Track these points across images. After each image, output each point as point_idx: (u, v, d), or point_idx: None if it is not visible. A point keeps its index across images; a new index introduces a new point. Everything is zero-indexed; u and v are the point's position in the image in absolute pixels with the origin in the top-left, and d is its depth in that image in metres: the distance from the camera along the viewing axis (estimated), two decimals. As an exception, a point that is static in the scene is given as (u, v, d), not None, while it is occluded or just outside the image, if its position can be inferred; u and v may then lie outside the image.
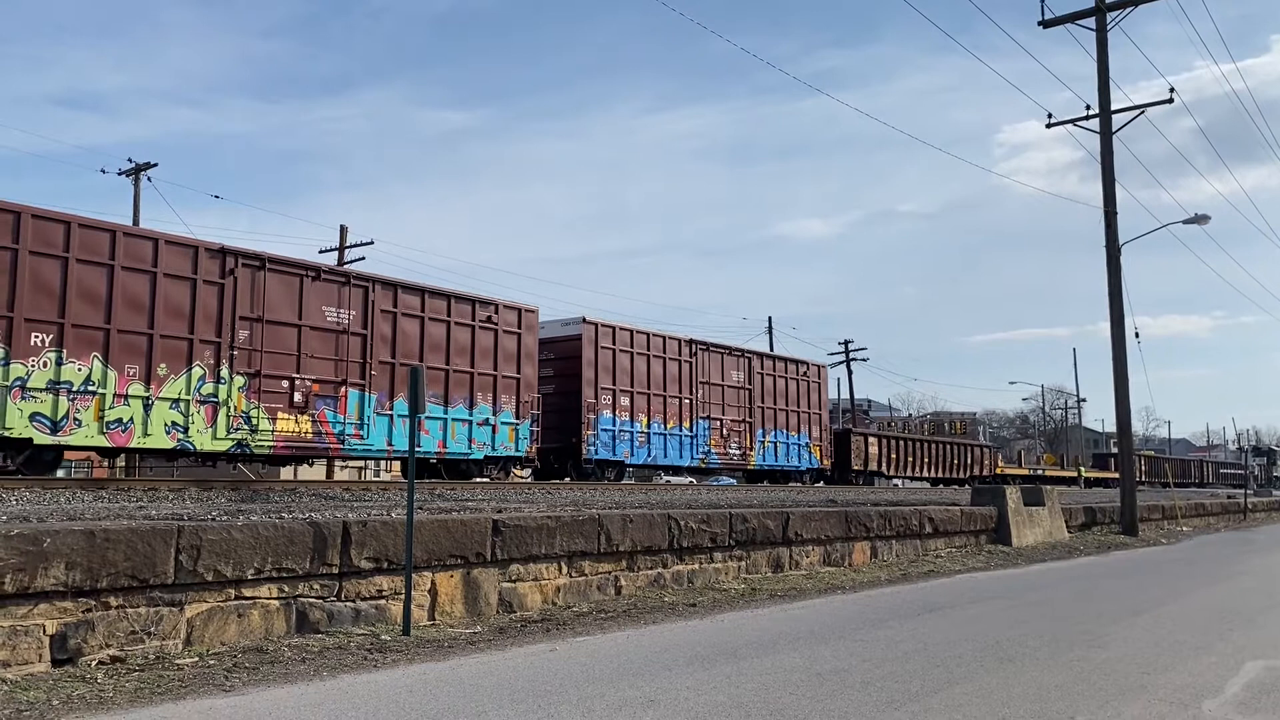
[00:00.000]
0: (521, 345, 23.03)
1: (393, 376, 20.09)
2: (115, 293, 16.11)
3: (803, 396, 33.37)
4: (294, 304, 18.70)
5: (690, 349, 28.71)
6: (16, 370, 14.95)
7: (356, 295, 19.68)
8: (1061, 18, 25.48)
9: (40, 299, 15.29)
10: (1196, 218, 26.71)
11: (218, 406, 17.37)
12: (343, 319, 19.41)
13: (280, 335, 18.40)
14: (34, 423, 15.15)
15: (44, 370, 15.27)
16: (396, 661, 6.90)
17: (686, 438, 28.26)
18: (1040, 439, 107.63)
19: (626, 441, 26.22)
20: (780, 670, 6.68)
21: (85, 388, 15.69)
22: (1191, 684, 6.42)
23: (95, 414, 15.77)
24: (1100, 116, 25.48)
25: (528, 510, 10.49)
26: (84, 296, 15.77)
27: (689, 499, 16.64)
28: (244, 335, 17.84)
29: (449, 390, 21.26)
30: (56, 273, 15.51)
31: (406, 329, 20.53)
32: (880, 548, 15.26)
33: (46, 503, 9.53)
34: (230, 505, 9.97)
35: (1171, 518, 29.21)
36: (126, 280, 16.29)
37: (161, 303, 16.71)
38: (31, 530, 6.19)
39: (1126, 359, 24.72)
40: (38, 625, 6.18)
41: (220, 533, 7.12)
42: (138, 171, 37.34)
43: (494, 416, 22.19)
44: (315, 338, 18.93)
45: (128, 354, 16.25)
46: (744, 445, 30.56)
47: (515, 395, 22.79)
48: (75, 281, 15.65)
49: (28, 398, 15.06)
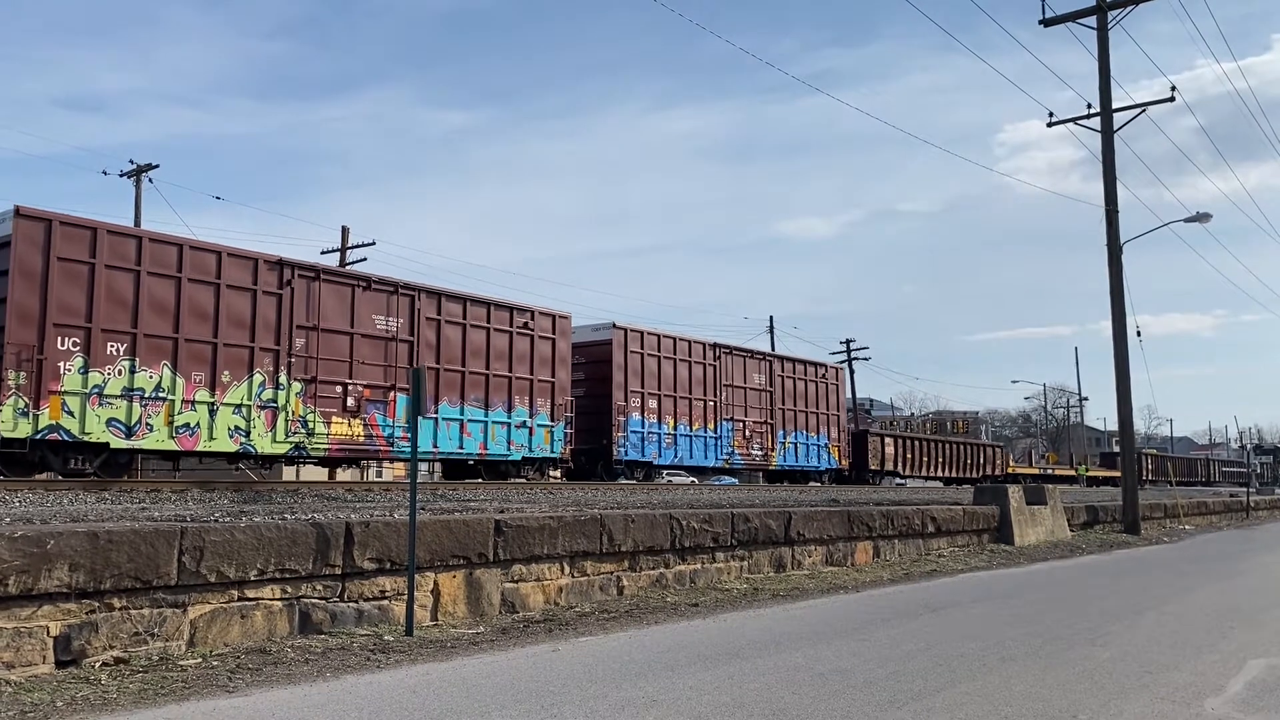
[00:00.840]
0: (556, 350, 23.83)
1: (438, 381, 20.93)
2: (182, 304, 16.96)
3: (821, 398, 34.22)
4: (346, 313, 19.52)
5: (714, 353, 29.57)
6: (95, 378, 15.77)
7: (403, 304, 20.50)
8: (1062, 16, 25.47)
9: (115, 310, 16.10)
10: (1198, 216, 26.69)
11: (277, 411, 18.20)
12: (391, 327, 20.25)
13: (334, 343, 19.26)
14: (110, 428, 15.94)
15: (119, 378, 16.11)
16: (399, 662, 6.91)
17: (711, 439, 29.04)
18: (1042, 438, 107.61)
19: (655, 443, 27.03)
20: (783, 670, 6.68)
21: (156, 394, 16.52)
22: (1194, 682, 6.43)
23: (165, 419, 16.61)
24: (1101, 115, 25.47)
25: (530, 510, 10.50)
26: (154, 308, 16.59)
27: (691, 499, 16.64)
28: (300, 343, 18.66)
29: (489, 394, 22.12)
30: (129, 285, 16.34)
31: (449, 335, 21.37)
32: (883, 547, 15.26)
33: (50, 504, 9.55)
34: (233, 506, 9.99)
35: (1174, 516, 29.19)
36: (192, 292, 17.12)
37: (225, 313, 17.53)
38: (35, 532, 6.20)
39: (1128, 357, 24.72)
40: (41, 627, 6.19)
41: (223, 534, 7.13)
42: (139, 173, 37.35)
43: (531, 419, 23.00)
44: (366, 345, 19.76)
45: (194, 362, 17.10)
46: (766, 446, 31.36)
47: (550, 398, 23.62)
48: (146, 293, 16.48)
49: (104, 404, 15.87)
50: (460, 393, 21.52)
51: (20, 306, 15.13)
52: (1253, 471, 63.76)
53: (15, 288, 15.09)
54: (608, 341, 26.04)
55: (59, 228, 15.65)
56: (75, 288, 15.70)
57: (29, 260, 15.27)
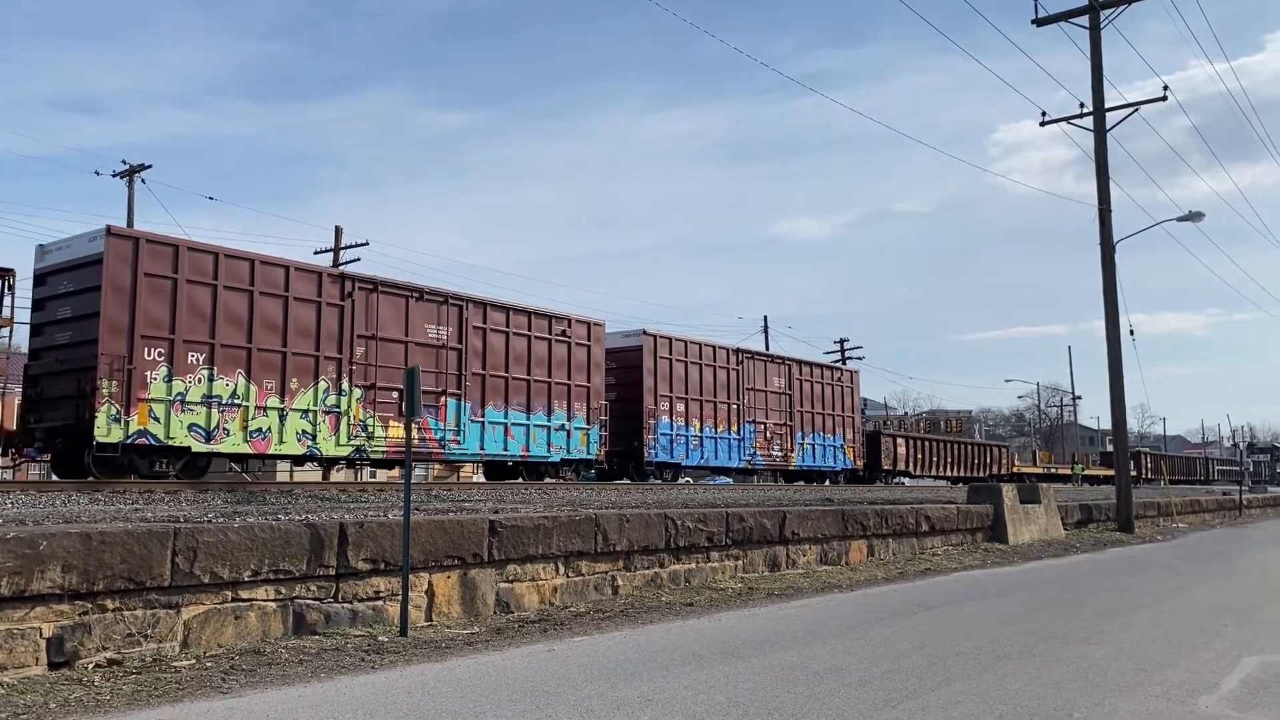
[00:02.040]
0: (591, 356, 24.77)
1: (483, 387, 21.93)
2: (255, 315, 17.84)
3: (837, 400, 35.22)
4: (401, 322, 20.41)
5: (737, 357, 30.59)
6: (177, 386, 16.68)
7: (452, 313, 21.42)
8: (1055, 16, 25.50)
9: (195, 322, 17.02)
10: (1190, 215, 26.75)
11: (340, 416, 19.11)
12: (441, 335, 21.17)
13: (390, 351, 20.10)
14: (191, 433, 16.91)
15: (199, 386, 17.03)
16: (394, 663, 6.90)
17: (735, 441, 29.97)
18: (1036, 437, 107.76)
19: (683, 445, 27.99)
20: (778, 669, 6.68)
21: (232, 401, 17.42)
22: (1188, 680, 6.44)
23: (240, 424, 17.52)
24: (1094, 114, 25.51)
25: (524, 510, 10.49)
26: (229, 319, 17.47)
27: (685, 498, 16.64)
28: (360, 351, 19.60)
29: (530, 399, 23.05)
30: (207, 298, 17.24)
31: (494, 343, 22.33)
32: (877, 546, 15.27)
33: (42, 505, 9.51)
34: (226, 507, 9.96)
35: (1167, 514, 29.26)
36: (263, 304, 18.01)
37: (292, 324, 18.43)
38: (28, 533, 6.17)
39: (1121, 356, 24.76)
40: (34, 628, 6.16)
41: (216, 535, 7.11)
42: (132, 173, 37.25)
43: (568, 422, 23.98)
44: (419, 352, 20.63)
45: (265, 370, 17.99)
46: (785, 447, 32.33)
47: (586, 402, 24.54)
48: (223, 306, 17.37)
49: (186, 410, 16.80)
50: (504, 397, 22.50)
51: (112, 320, 15.99)
52: (1245, 470, 63.95)
53: (107, 302, 15.98)
54: (638, 348, 27.02)
55: (145, 245, 16.57)
56: (160, 301, 16.60)
57: (119, 276, 16.14)
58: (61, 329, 16.52)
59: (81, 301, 16.30)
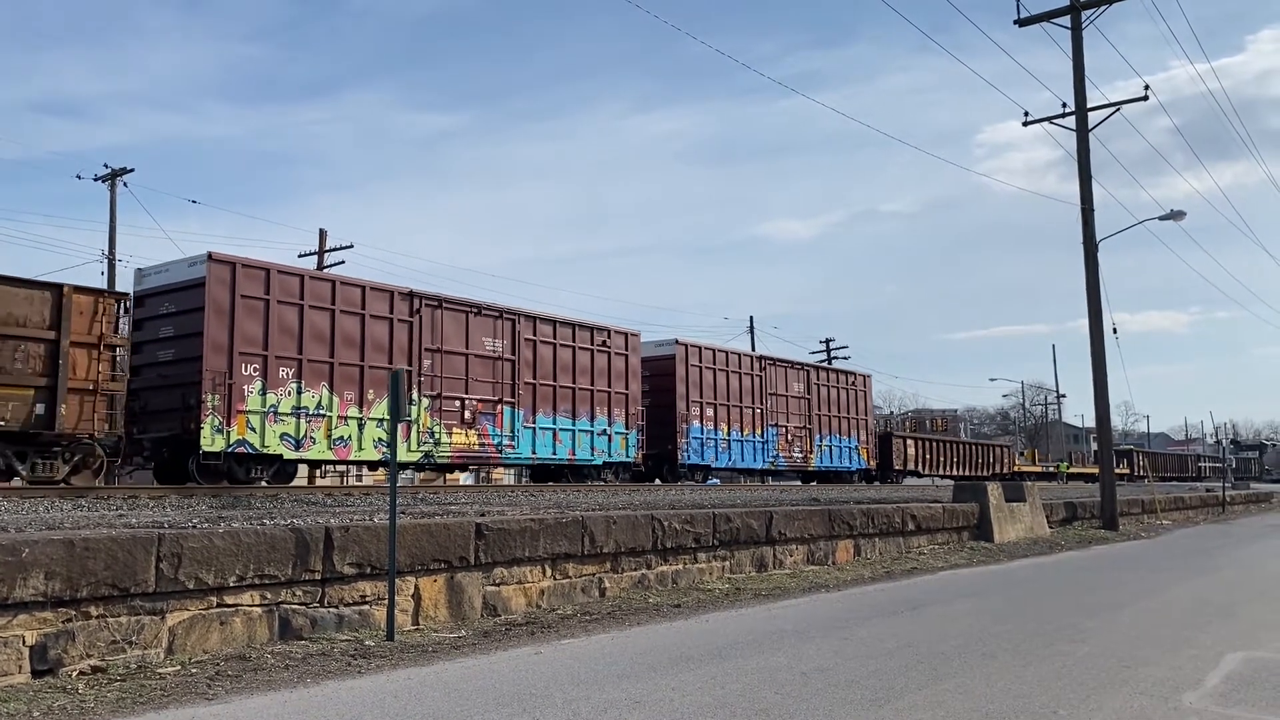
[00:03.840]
0: (628, 365, 26.29)
1: (534, 395, 23.31)
2: (336, 332, 19.19)
3: (851, 404, 36.96)
4: (462, 336, 21.80)
5: (760, 364, 32.28)
6: (270, 399, 17.95)
7: (506, 326, 22.83)
8: (1037, 16, 25.63)
9: (284, 339, 18.31)
10: (1172, 214, 26.91)
11: (410, 424, 20.33)
12: (497, 347, 22.59)
13: (453, 363, 21.51)
14: (283, 441, 18.18)
15: (289, 398, 18.31)
16: (380, 667, 6.88)
17: (759, 443, 31.58)
18: (1021, 435, 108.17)
19: (712, 448, 29.54)
20: (765, 670, 6.69)
21: (317, 411, 18.74)
22: (1171, 677, 6.48)
23: (325, 433, 18.86)
24: (1076, 114, 25.65)
25: (510, 513, 10.47)
26: (314, 336, 18.79)
27: (672, 499, 16.65)
28: (428, 364, 20.92)
29: (575, 405, 24.41)
30: (295, 317, 18.55)
31: (543, 354, 23.75)
32: (864, 546, 15.31)
33: (25, 512, 9.44)
34: (211, 512, 9.91)
35: (1151, 512, 29.44)
36: (343, 321, 19.36)
37: (368, 339, 19.76)
38: (10, 540, 6.13)
39: (1105, 355, 24.89)
40: (17, 636, 6.12)
41: (201, 540, 7.08)
42: (114, 177, 37.04)
43: (609, 427, 25.41)
44: (478, 364, 22.09)
45: (346, 383, 19.34)
46: (805, 449, 33.99)
47: (625, 408, 26.04)
48: (308, 324, 18.71)
49: (278, 421, 18.09)
50: (552, 405, 23.82)
51: (214, 339, 17.25)
52: (1228, 467, 64.50)
53: (209, 322, 17.23)
54: (670, 356, 28.58)
55: (241, 269, 17.78)
56: (254, 321, 17.85)
57: (220, 298, 17.40)
58: (164, 347, 17.73)
59: (183, 321, 17.59)
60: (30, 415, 14.81)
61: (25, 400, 14.76)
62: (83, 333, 15.42)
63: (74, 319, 15.28)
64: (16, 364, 14.67)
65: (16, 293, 14.86)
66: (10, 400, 14.57)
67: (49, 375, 14.97)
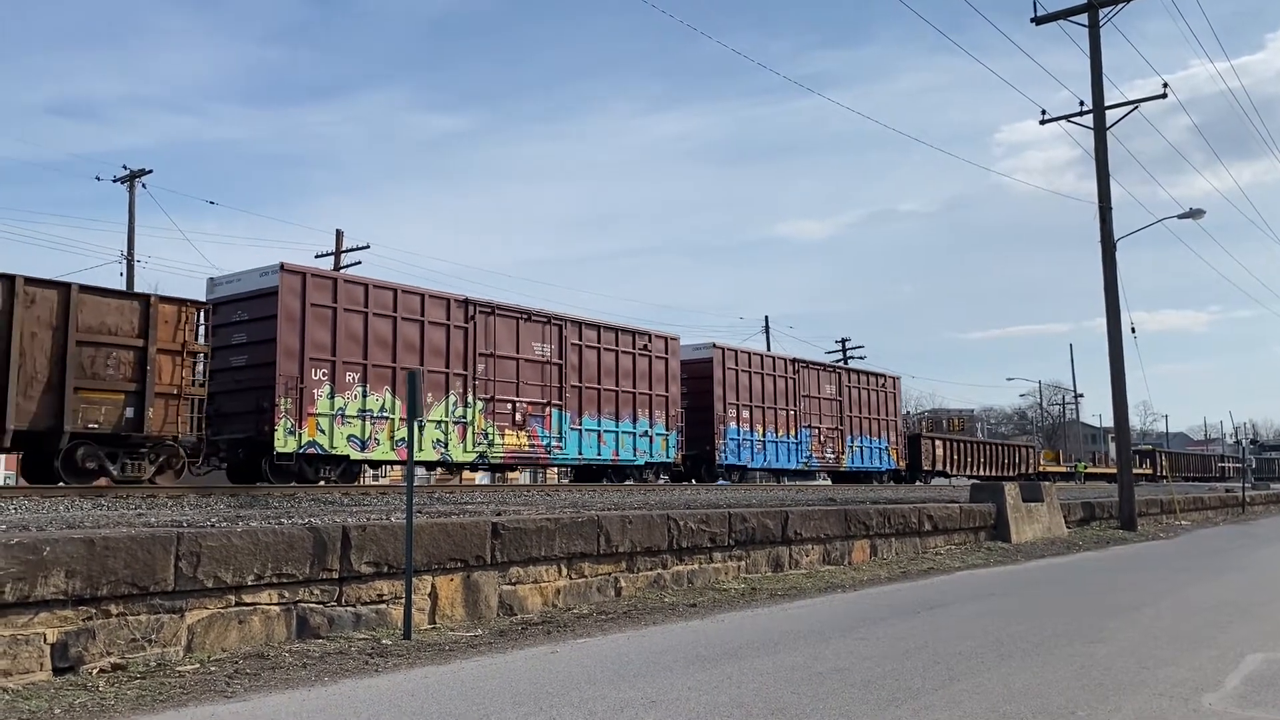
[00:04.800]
0: (668, 368, 27.32)
1: (580, 398, 24.23)
2: (398, 338, 20.09)
3: (881, 405, 37.72)
4: (514, 341, 22.74)
5: (793, 367, 33.15)
6: (338, 402, 18.92)
7: (554, 332, 23.75)
8: (1054, 14, 25.49)
9: (350, 345, 19.26)
10: (1191, 212, 26.73)
11: (466, 426, 21.40)
12: (545, 352, 23.52)
13: (505, 367, 22.47)
14: (350, 443, 19.10)
15: (355, 401, 19.26)
16: (398, 665, 6.90)
17: (792, 444, 32.53)
18: (1038, 435, 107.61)
19: (748, 449, 30.53)
20: (781, 669, 6.69)
21: (381, 414, 19.66)
22: (1191, 678, 6.44)
23: (388, 435, 19.78)
24: (1094, 112, 25.50)
25: (527, 513, 10.49)
26: (378, 342, 19.71)
27: (688, 499, 16.64)
28: (481, 368, 21.85)
29: (618, 407, 25.39)
30: (360, 324, 19.48)
31: (589, 358, 24.72)
32: (880, 546, 15.27)
33: (46, 511, 9.52)
34: (229, 511, 9.97)
35: (1170, 512, 29.23)
36: (404, 328, 20.28)
37: (427, 345, 20.67)
38: (31, 539, 6.19)
39: (1123, 354, 24.74)
40: (38, 634, 6.17)
41: (220, 539, 7.12)
42: (132, 178, 37.31)
43: (650, 429, 26.46)
44: (528, 368, 23.04)
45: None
46: (837, 450, 34.90)
47: (665, 410, 27.06)
48: (372, 330, 19.62)
49: (345, 423, 19.02)
50: (597, 407, 24.75)
51: (286, 345, 18.13)
52: (1248, 467, 64.11)
53: (282, 330, 18.10)
54: (708, 359, 29.44)
55: (311, 279, 18.81)
56: (323, 328, 18.79)
57: (291, 306, 18.33)
58: (237, 353, 18.55)
59: (256, 328, 18.45)
60: (120, 418, 15.61)
61: (116, 404, 15.59)
62: (167, 340, 16.22)
63: (159, 327, 16.10)
64: (109, 370, 15.53)
65: (108, 303, 15.71)
66: (103, 404, 15.43)
67: (137, 380, 15.79)
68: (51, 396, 14.94)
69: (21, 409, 14.60)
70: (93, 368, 15.33)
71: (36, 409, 14.77)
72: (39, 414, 14.79)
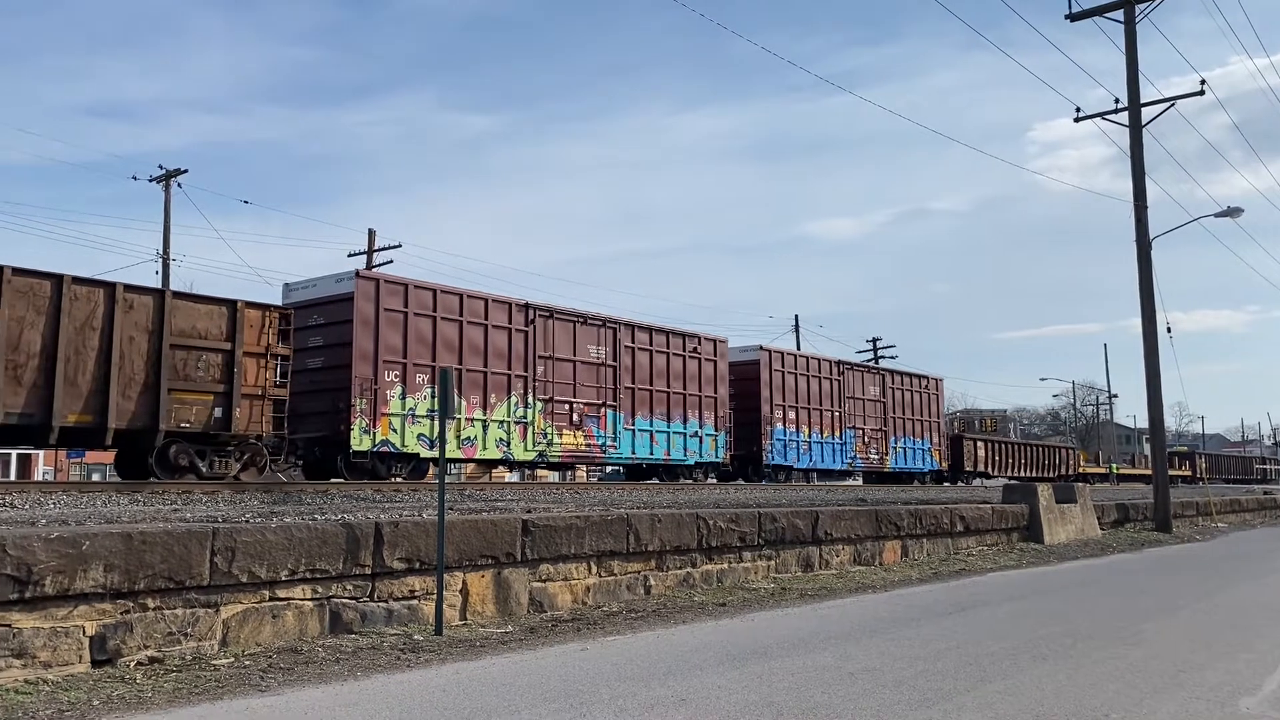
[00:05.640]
0: (717, 370, 28.00)
1: (633, 399, 25.04)
2: (464, 341, 20.98)
3: (924, 406, 38.19)
4: (570, 344, 23.54)
5: (838, 369, 33.71)
6: (409, 403, 19.76)
7: (608, 335, 24.56)
8: (1089, 10, 25.24)
9: (420, 348, 20.09)
10: (1229, 211, 26.37)
11: (527, 426, 22.25)
12: (600, 354, 24.32)
13: (562, 369, 23.23)
14: (419, 441, 19.96)
15: (424, 401, 20.03)
16: (429, 661, 6.95)
17: (837, 445, 33.12)
18: (1071, 436, 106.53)
19: (794, 449, 31.19)
20: (812, 669, 6.67)
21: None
22: (1228, 682, 6.36)
23: (455, 434, 20.49)
24: (1129, 109, 25.21)
25: (557, 510, 10.52)
26: (445, 345, 20.57)
27: (717, 498, 16.62)
28: (541, 370, 22.66)
29: (669, 408, 26.17)
30: (429, 328, 20.33)
31: (641, 360, 25.50)
32: (911, 546, 15.18)
33: (84, 506, 9.66)
34: (263, 507, 10.07)
35: (1206, 514, 28.85)
36: (469, 331, 21.18)
37: (490, 348, 21.54)
38: (71, 533, 6.28)
39: (1159, 354, 24.45)
40: (77, 626, 6.27)
41: (254, 534, 7.19)
42: (168, 178, 37.74)
43: (700, 429, 27.18)
44: (584, 370, 23.77)
45: (471, 388, 21.09)
46: (881, 451, 35.36)
47: (714, 411, 27.76)
48: (440, 334, 20.48)
49: (415, 422, 19.84)
50: (649, 408, 25.52)
51: (361, 348, 19.08)
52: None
53: (357, 334, 19.03)
54: (755, 361, 30.08)
55: (384, 285, 19.68)
56: (394, 331, 19.64)
57: (366, 311, 19.24)
58: (313, 356, 19.34)
59: (332, 332, 19.40)
60: (210, 418, 16.50)
61: (206, 404, 16.47)
62: (253, 343, 16.98)
63: (245, 331, 16.88)
64: (199, 372, 16.41)
65: (199, 308, 16.54)
66: (194, 404, 16.31)
67: (225, 382, 16.63)
68: (148, 397, 15.78)
69: (121, 409, 15.44)
70: (184, 370, 16.18)
71: (134, 409, 15.61)
72: (136, 413, 15.63)
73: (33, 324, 14.76)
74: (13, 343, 14.54)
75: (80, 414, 15.15)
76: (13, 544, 5.95)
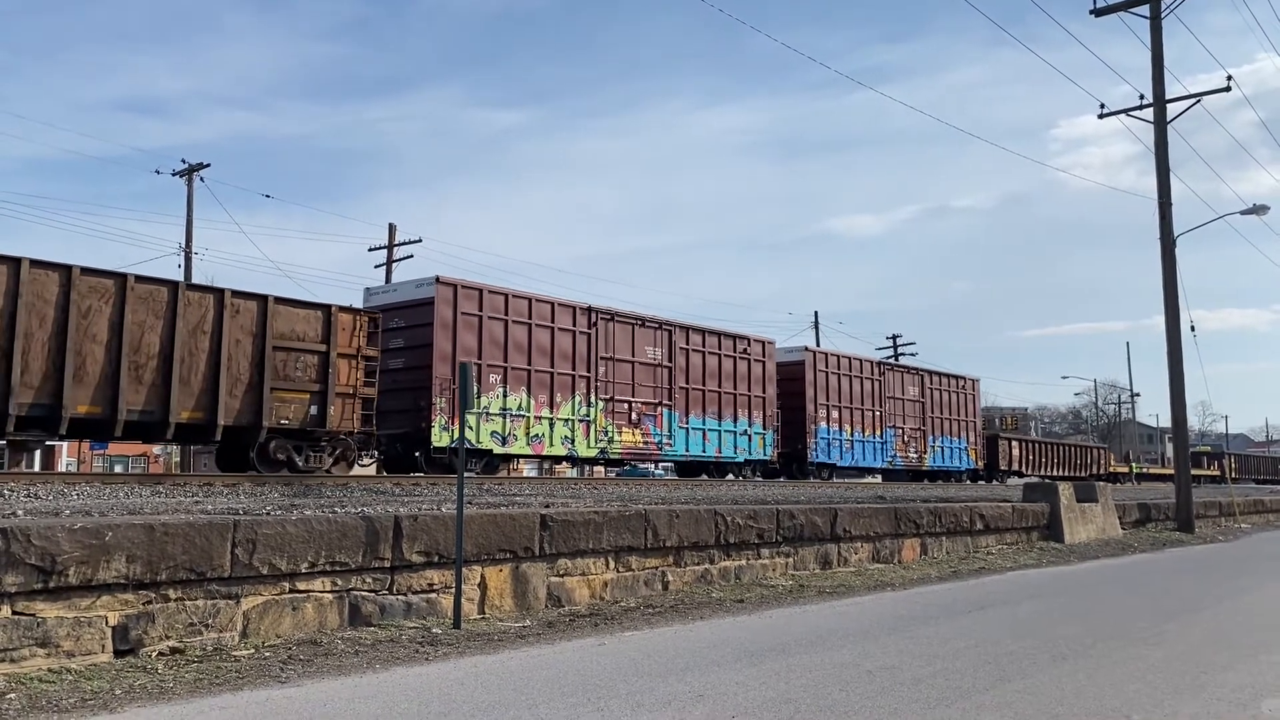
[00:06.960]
0: (765, 370, 28.99)
1: (687, 398, 26.07)
2: (532, 343, 22.01)
3: (961, 406, 39.13)
4: (630, 346, 24.56)
5: (879, 369, 34.68)
6: (483, 401, 20.91)
7: (664, 336, 25.56)
8: (1114, 5, 25.01)
9: (493, 350, 21.21)
10: (1255, 208, 26.10)
11: (589, 424, 23.30)
12: (657, 355, 25.33)
13: (621, 370, 24.23)
14: (492, 438, 21.11)
15: (497, 400, 21.25)
16: (447, 654, 6.98)
17: (878, 444, 33.99)
18: (1093, 434, 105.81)
19: (838, 448, 32.18)
20: (830, 666, 6.65)
21: (519, 412, 21.68)
22: (1250, 683, 6.30)
23: (524, 431, 21.75)
24: (1154, 105, 24.98)
25: (575, 505, 10.54)
26: (515, 347, 21.65)
27: (735, 495, 16.60)
28: (602, 371, 23.64)
29: (721, 407, 27.09)
30: (501, 330, 21.45)
31: (694, 361, 26.48)
32: (930, 544, 15.12)
33: (106, 497, 9.75)
34: (284, 500, 10.13)
35: (1229, 514, 28.60)
36: (537, 334, 22.20)
37: (556, 349, 22.58)
38: (94, 524, 6.34)
39: (1182, 353, 24.25)
40: (100, 616, 6.33)
41: (275, 527, 7.24)
42: (190, 172, 37.99)
43: (750, 428, 28.12)
44: (642, 370, 24.82)
45: (539, 388, 22.21)
46: (919, 450, 36.27)
47: (763, 410, 28.73)
48: (511, 336, 21.57)
49: (488, 420, 21.01)
50: (702, 407, 26.43)
51: (441, 350, 20.19)
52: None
53: (437, 336, 20.17)
54: (800, 362, 31.10)
55: (461, 290, 20.75)
56: (470, 334, 20.77)
57: (445, 315, 20.38)
58: (394, 357, 20.19)
59: (413, 334, 20.42)
60: (306, 415, 17.49)
61: (303, 403, 17.46)
62: (345, 345, 18.02)
63: (339, 333, 17.89)
64: (297, 372, 17.40)
65: (297, 312, 17.54)
66: (293, 403, 17.31)
67: (320, 382, 17.64)
68: (252, 395, 16.76)
69: (229, 406, 16.46)
70: (284, 370, 17.17)
71: (240, 406, 16.64)
72: (242, 411, 16.66)
73: (151, 327, 15.69)
74: (134, 345, 15.43)
75: (193, 411, 16.11)
76: (37, 534, 6.02)
